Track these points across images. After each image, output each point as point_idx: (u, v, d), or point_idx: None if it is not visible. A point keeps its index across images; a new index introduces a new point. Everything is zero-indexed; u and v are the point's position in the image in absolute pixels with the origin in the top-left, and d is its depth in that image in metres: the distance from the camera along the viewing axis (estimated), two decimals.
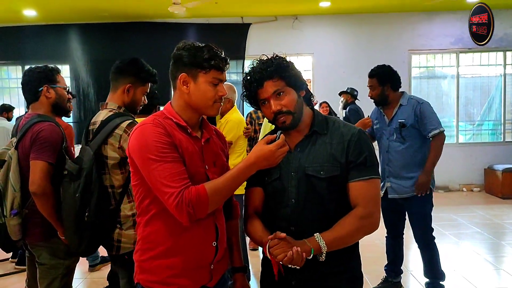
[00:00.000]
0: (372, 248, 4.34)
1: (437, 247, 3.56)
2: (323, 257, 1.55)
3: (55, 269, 2.39)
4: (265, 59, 1.68)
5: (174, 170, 1.48)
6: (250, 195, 1.75)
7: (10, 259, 4.70)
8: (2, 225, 2.32)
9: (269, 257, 1.55)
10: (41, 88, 2.41)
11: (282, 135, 1.58)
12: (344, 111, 6.77)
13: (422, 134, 3.42)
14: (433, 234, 3.54)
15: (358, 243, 1.74)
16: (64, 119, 3.40)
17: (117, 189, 2.18)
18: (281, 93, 1.64)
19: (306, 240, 1.55)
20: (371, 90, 3.50)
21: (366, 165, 1.63)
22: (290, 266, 1.50)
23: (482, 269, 4.37)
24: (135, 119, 2.27)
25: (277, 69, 1.63)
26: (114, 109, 2.26)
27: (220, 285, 1.70)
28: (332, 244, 1.56)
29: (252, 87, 1.66)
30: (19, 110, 7.96)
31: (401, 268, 3.80)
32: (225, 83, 1.66)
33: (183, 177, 1.49)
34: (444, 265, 4.12)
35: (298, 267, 1.51)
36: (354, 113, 6.58)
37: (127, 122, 2.16)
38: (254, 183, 1.71)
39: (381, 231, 3.90)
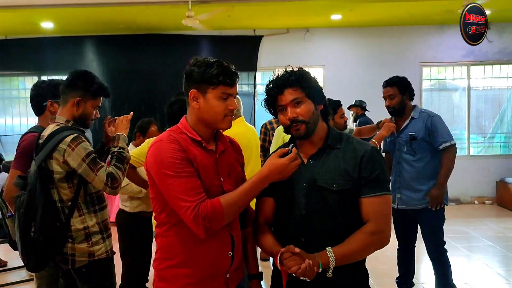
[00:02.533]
0: (384, 260, 4.35)
1: (449, 260, 3.56)
2: (330, 273, 1.58)
3: (41, 275, 2.50)
4: (290, 69, 1.75)
5: (189, 185, 1.54)
6: (261, 205, 1.80)
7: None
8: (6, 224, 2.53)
9: (279, 267, 1.60)
10: (45, 103, 2.52)
11: (294, 148, 1.62)
12: (355, 124, 6.80)
13: (433, 147, 3.44)
14: (445, 247, 3.55)
15: (363, 267, 1.78)
16: None
17: (66, 203, 2.17)
18: (299, 102, 1.69)
19: (317, 255, 1.58)
20: (390, 99, 3.48)
21: (379, 181, 1.67)
22: (302, 278, 1.55)
23: (494, 282, 4.35)
24: (82, 133, 2.27)
25: (298, 79, 1.70)
26: (62, 123, 2.24)
27: None
28: (342, 259, 1.59)
29: (273, 92, 1.72)
30: (35, 119, 8.13)
31: (413, 280, 3.80)
32: None
33: (198, 191, 1.55)
34: (456, 278, 4.10)
35: (308, 280, 1.55)
36: (365, 125, 6.60)
37: (72, 136, 2.14)
38: (265, 193, 1.75)
39: (393, 243, 3.91)
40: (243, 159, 1.88)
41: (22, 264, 4.79)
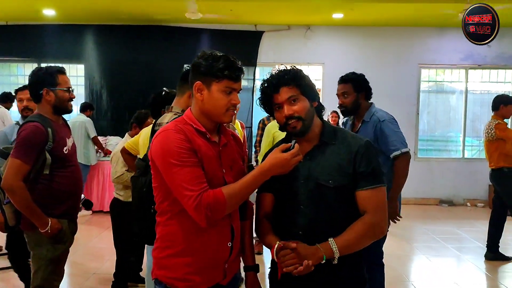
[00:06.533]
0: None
1: (384, 271, 3.25)
2: (336, 261, 1.65)
3: (39, 259, 2.54)
4: (283, 68, 1.80)
5: (193, 174, 1.58)
6: (261, 200, 1.87)
7: None
8: (3, 210, 2.56)
9: (276, 260, 1.67)
10: (41, 91, 2.53)
11: (297, 144, 1.66)
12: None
13: (383, 153, 3.12)
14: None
15: (362, 254, 1.83)
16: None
17: None
18: (295, 100, 1.74)
19: (319, 246, 1.64)
20: (343, 97, 3.19)
21: (375, 174, 1.73)
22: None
23: (482, 283, 4.43)
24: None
25: (294, 77, 1.75)
26: (179, 113, 2.32)
27: (232, 283, 1.80)
28: (344, 249, 1.66)
29: (269, 91, 1.77)
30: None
31: (404, 278, 3.82)
32: None
33: (201, 181, 1.59)
34: (446, 278, 4.20)
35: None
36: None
37: None
38: (265, 188, 1.81)
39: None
40: (244, 153, 1.92)
41: None
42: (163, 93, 3.34)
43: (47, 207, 2.46)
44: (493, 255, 4.96)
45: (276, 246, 1.67)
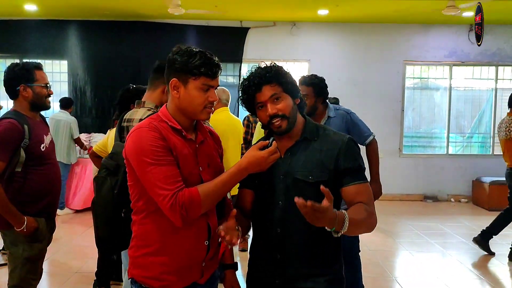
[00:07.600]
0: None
1: (361, 267, 3.36)
2: (339, 235, 1.53)
3: (15, 258, 2.50)
4: (264, 65, 1.75)
5: (168, 173, 1.54)
6: (240, 196, 1.86)
7: (1, 250, 4.74)
8: None
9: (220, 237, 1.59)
10: (18, 87, 2.48)
11: (274, 142, 1.65)
12: None
13: None
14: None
15: (340, 248, 1.82)
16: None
17: None
18: (278, 98, 1.71)
19: (337, 213, 1.50)
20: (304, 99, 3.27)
21: (361, 171, 1.72)
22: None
23: (465, 278, 4.47)
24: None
25: (275, 75, 1.71)
26: (152, 109, 2.25)
27: (210, 282, 1.77)
28: (351, 227, 1.52)
29: (250, 91, 1.72)
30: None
31: (388, 274, 3.84)
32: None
33: (177, 179, 1.56)
34: (428, 273, 4.21)
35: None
36: None
37: None
38: (246, 184, 1.80)
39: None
40: (222, 150, 1.90)
41: None
42: (131, 88, 3.30)
43: (23, 205, 2.41)
44: (483, 241, 5.00)
45: (221, 227, 1.57)
